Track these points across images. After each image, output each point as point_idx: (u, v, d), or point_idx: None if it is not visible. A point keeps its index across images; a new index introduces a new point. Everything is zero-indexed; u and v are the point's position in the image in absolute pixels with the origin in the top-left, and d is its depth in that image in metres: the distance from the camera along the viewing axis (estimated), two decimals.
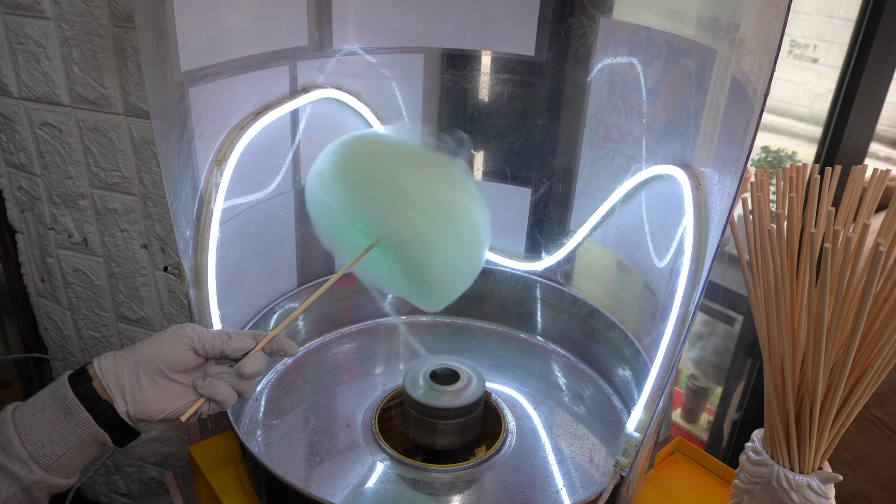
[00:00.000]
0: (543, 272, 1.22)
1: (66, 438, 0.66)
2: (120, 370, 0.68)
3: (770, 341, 0.73)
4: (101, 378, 0.67)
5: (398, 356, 1.19)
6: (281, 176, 1.09)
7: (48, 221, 1.43)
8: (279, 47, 0.99)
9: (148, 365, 0.69)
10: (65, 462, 0.66)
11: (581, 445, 0.99)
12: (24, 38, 1.23)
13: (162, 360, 0.69)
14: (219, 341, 0.72)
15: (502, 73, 1.14)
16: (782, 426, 0.74)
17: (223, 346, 0.73)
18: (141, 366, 0.69)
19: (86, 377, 0.68)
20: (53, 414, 0.66)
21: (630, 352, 1.06)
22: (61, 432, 0.65)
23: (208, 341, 0.72)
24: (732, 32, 0.77)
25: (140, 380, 0.68)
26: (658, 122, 0.97)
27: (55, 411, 0.66)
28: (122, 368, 0.68)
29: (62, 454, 0.65)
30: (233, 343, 0.73)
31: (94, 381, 0.68)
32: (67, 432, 0.66)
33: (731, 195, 0.67)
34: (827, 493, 0.74)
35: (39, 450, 0.64)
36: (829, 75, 1.61)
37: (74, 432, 0.66)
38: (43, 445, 0.65)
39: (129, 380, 0.68)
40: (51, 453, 0.65)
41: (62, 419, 0.66)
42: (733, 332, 1.82)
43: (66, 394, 0.66)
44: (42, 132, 1.32)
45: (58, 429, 0.65)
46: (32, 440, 0.65)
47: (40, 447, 0.65)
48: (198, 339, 0.71)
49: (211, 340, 0.72)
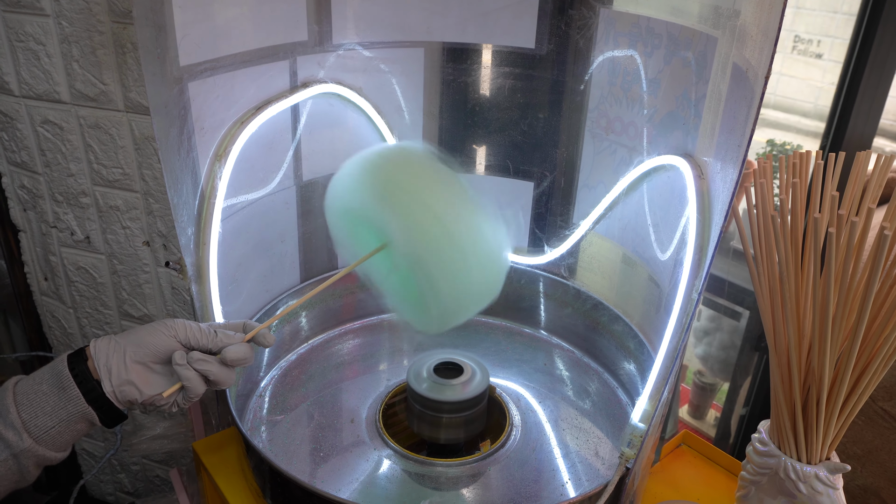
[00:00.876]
0: (547, 266, 1.21)
1: (57, 412, 0.69)
2: (111, 353, 0.71)
3: (776, 331, 0.73)
4: (94, 358, 0.71)
5: (402, 352, 1.19)
6: (282, 171, 1.08)
7: (51, 219, 1.43)
8: (279, 42, 0.99)
9: (135, 351, 0.72)
10: (54, 434, 0.69)
11: (586, 439, 0.99)
12: (24, 36, 1.23)
13: (148, 348, 0.72)
14: (205, 335, 0.75)
15: (503, 66, 1.14)
16: (789, 417, 0.73)
17: (209, 340, 0.75)
18: (129, 351, 0.72)
19: (83, 357, 0.71)
20: (49, 387, 0.69)
21: (635, 344, 1.05)
22: (53, 405, 0.69)
23: (193, 335, 0.74)
24: (733, 19, 0.77)
25: (126, 364, 0.71)
26: (660, 113, 0.96)
27: (51, 385, 0.69)
28: (112, 351, 0.72)
29: (52, 426, 0.69)
30: (219, 339, 0.76)
31: (89, 361, 0.71)
32: (59, 406, 0.69)
33: (733, 183, 0.66)
34: (835, 482, 0.73)
35: (32, 419, 0.68)
36: (834, 70, 1.60)
37: (65, 407, 0.69)
38: (35, 416, 0.68)
39: (117, 363, 0.71)
40: (42, 424, 0.68)
41: (56, 393, 0.69)
42: (739, 327, 1.81)
43: (62, 370, 0.70)
44: (43, 130, 1.32)
45: (51, 401, 0.69)
46: (27, 409, 0.68)
47: (33, 417, 0.68)
48: (184, 331, 0.74)
49: (196, 334, 0.74)
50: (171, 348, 0.73)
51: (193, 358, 0.73)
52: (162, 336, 0.73)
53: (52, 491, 1.78)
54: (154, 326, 0.74)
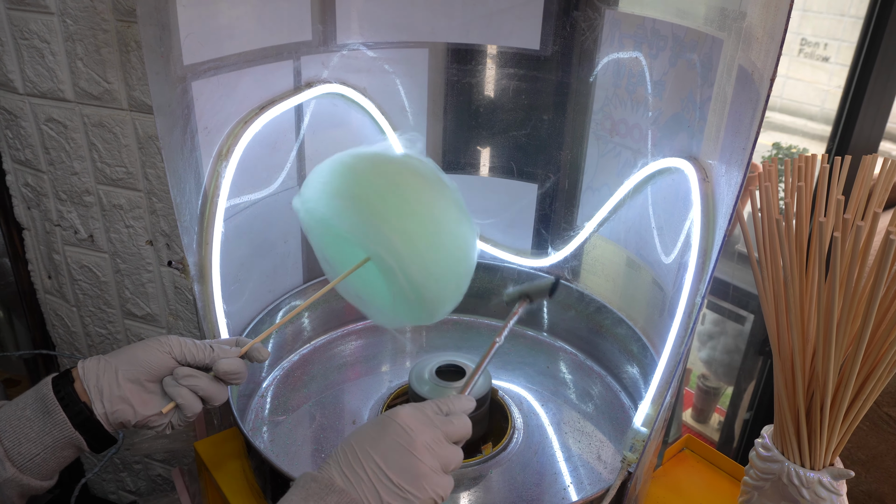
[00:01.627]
0: (550, 268, 1.21)
1: (42, 438, 0.65)
2: (101, 373, 0.68)
3: (780, 336, 0.72)
4: (82, 379, 0.67)
5: (404, 353, 1.19)
6: (286, 172, 1.08)
7: (54, 218, 1.43)
8: (282, 42, 0.99)
9: (128, 370, 0.69)
10: (39, 462, 0.65)
11: (589, 443, 0.98)
12: (29, 34, 1.23)
13: (142, 366, 0.69)
14: (200, 351, 0.72)
15: (507, 67, 1.13)
16: (793, 422, 0.73)
17: (204, 355, 0.72)
18: (121, 370, 0.69)
19: (69, 379, 0.68)
20: (33, 412, 0.66)
21: (638, 348, 1.05)
22: (38, 431, 0.65)
23: (189, 350, 0.72)
24: (739, 21, 0.76)
25: (120, 383, 0.68)
26: (665, 115, 0.95)
27: (35, 410, 0.66)
28: (103, 371, 0.68)
29: (37, 454, 0.65)
30: (215, 353, 0.73)
31: (77, 383, 0.68)
32: (44, 432, 0.65)
33: (737, 185, 0.65)
34: (839, 489, 0.72)
35: (15, 447, 0.64)
36: (840, 74, 1.59)
37: (50, 432, 0.66)
38: (19, 443, 0.64)
39: (109, 382, 0.68)
40: (26, 451, 0.65)
41: (40, 418, 0.66)
42: (744, 330, 1.80)
43: (46, 393, 0.66)
44: (47, 128, 1.32)
45: (35, 427, 0.65)
46: (10, 437, 0.64)
47: (16, 444, 0.64)
48: (178, 347, 0.71)
49: (192, 349, 0.72)
50: (166, 365, 0.70)
51: (181, 374, 0.70)
52: (156, 353, 0.70)
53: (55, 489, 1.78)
54: (147, 343, 0.71)
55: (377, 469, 0.60)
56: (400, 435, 0.62)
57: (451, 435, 0.65)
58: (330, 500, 0.58)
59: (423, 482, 0.60)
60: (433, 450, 0.62)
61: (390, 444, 0.61)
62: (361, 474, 0.60)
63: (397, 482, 0.59)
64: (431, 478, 0.61)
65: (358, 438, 0.62)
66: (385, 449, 0.61)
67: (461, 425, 0.66)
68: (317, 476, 0.60)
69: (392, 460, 0.60)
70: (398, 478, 0.60)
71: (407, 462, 0.60)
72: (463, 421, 0.67)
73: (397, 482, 0.59)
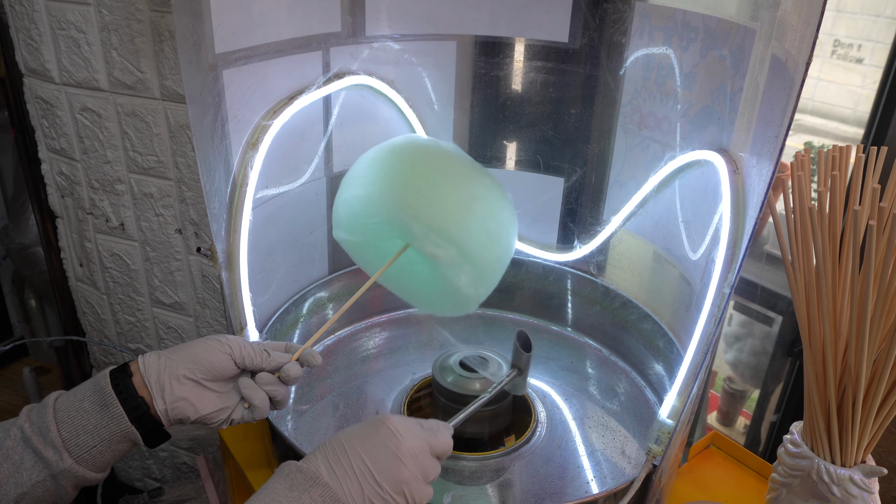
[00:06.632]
0: (576, 263, 1.20)
1: (99, 430, 0.66)
2: (162, 369, 0.69)
3: (811, 329, 0.71)
4: (143, 374, 0.68)
5: (428, 346, 1.19)
6: (314, 163, 1.09)
7: (87, 206, 1.46)
8: (312, 32, 1.00)
9: (189, 368, 0.70)
10: (95, 454, 0.66)
11: (613, 438, 0.97)
12: (66, 24, 1.26)
13: (203, 365, 0.70)
14: (258, 355, 0.74)
15: (535, 60, 1.13)
16: (823, 418, 0.71)
17: (262, 360, 0.74)
18: (183, 367, 0.70)
19: (127, 373, 0.69)
20: (90, 404, 0.66)
21: (664, 343, 1.04)
22: (95, 424, 0.66)
23: (248, 354, 0.73)
24: (773, 10, 0.75)
25: (180, 380, 0.69)
26: (694, 108, 0.94)
27: (92, 402, 0.66)
28: (164, 367, 0.69)
29: (94, 446, 0.66)
30: (272, 359, 0.74)
31: (135, 377, 0.68)
32: (101, 424, 0.66)
33: (769, 175, 0.64)
34: (871, 486, 0.71)
35: (73, 438, 0.65)
36: (874, 76, 1.56)
37: (107, 425, 0.66)
38: (77, 434, 0.65)
39: (170, 379, 0.69)
40: (83, 443, 0.65)
41: (97, 411, 0.66)
42: (772, 332, 1.78)
43: (104, 386, 0.67)
44: (82, 117, 1.35)
45: (92, 420, 0.66)
46: (68, 428, 0.65)
47: (74, 436, 0.65)
48: (238, 350, 0.72)
49: (251, 354, 0.73)
50: (228, 367, 0.71)
51: (264, 380, 0.73)
52: (218, 354, 0.71)
53: None
54: (208, 343, 0.72)
55: (364, 467, 0.62)
56: (389, 438, 0.64)
57: (434, 447, 0.67)
58: (314, 492, 0.60)
59: (405, 487, 0.62)
60: (417, 458, 0.65)
61: (379, 445, 0.63)
62: (348, 470, 0.62)
63: (381, 483, 0.62)
64: (412, 484, 0.63)
65: (347, 436, 0.65)
66: (373, 449, 0.63)
67: (444, 440, 0.69)
68: (302, 467, 0.62)
69: (379, 461, 0.62)
70: (382, 479, 0.62)
71: (392, 465, 0.63)
72: (446, 436, 0.70)
73: (381, 483, 0.62)
